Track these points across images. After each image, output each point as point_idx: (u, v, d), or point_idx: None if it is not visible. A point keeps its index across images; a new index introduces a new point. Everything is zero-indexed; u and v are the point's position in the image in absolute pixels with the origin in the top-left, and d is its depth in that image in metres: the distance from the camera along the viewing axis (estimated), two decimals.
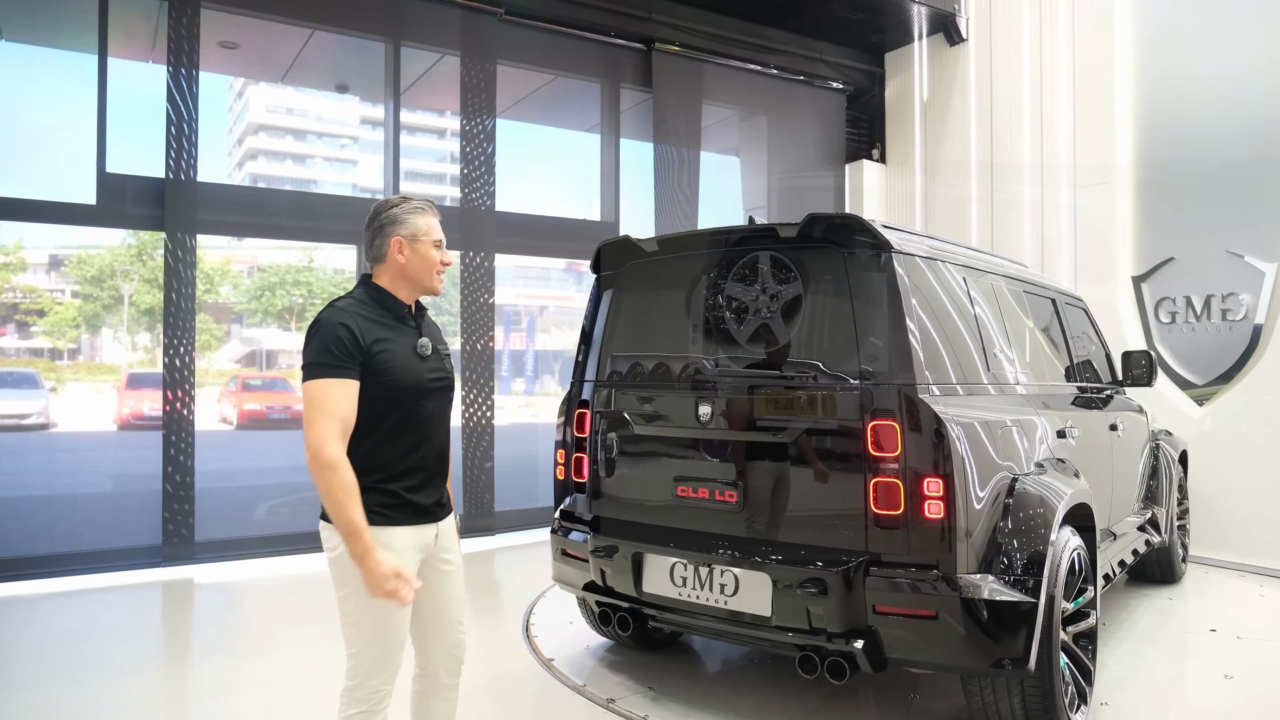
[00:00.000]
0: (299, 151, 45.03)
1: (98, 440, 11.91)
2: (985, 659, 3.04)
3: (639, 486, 3.84)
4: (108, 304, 21.94)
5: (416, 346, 2.46)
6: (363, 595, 2.27)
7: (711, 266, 3.72)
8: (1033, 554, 3.18)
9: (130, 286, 21.03)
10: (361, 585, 2.25)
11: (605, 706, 3.82)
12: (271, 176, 42.56)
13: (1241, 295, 6.70)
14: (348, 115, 44.39)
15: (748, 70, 9.00)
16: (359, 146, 45.61)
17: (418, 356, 2.45)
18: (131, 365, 19.98)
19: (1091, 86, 7.70)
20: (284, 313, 25.55)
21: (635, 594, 3.66)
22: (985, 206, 8.64)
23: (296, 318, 24.70)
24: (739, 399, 3.51)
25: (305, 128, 45.00)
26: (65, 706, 3.79)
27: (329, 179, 45.79)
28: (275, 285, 25.65)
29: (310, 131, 45.40)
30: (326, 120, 44.93)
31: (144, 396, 11.90)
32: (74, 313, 21.50)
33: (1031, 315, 4.49)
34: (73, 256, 21.62)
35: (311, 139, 45.69)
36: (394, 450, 2.40)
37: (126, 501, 7.46)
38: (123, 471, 9.21)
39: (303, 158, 44.94)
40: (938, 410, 3.10)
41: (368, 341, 2.34)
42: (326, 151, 46.00)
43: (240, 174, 43.42)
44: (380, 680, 2.36)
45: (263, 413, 14.75)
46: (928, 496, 3.05)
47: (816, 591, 3.14)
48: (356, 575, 2.26)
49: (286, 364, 23.85)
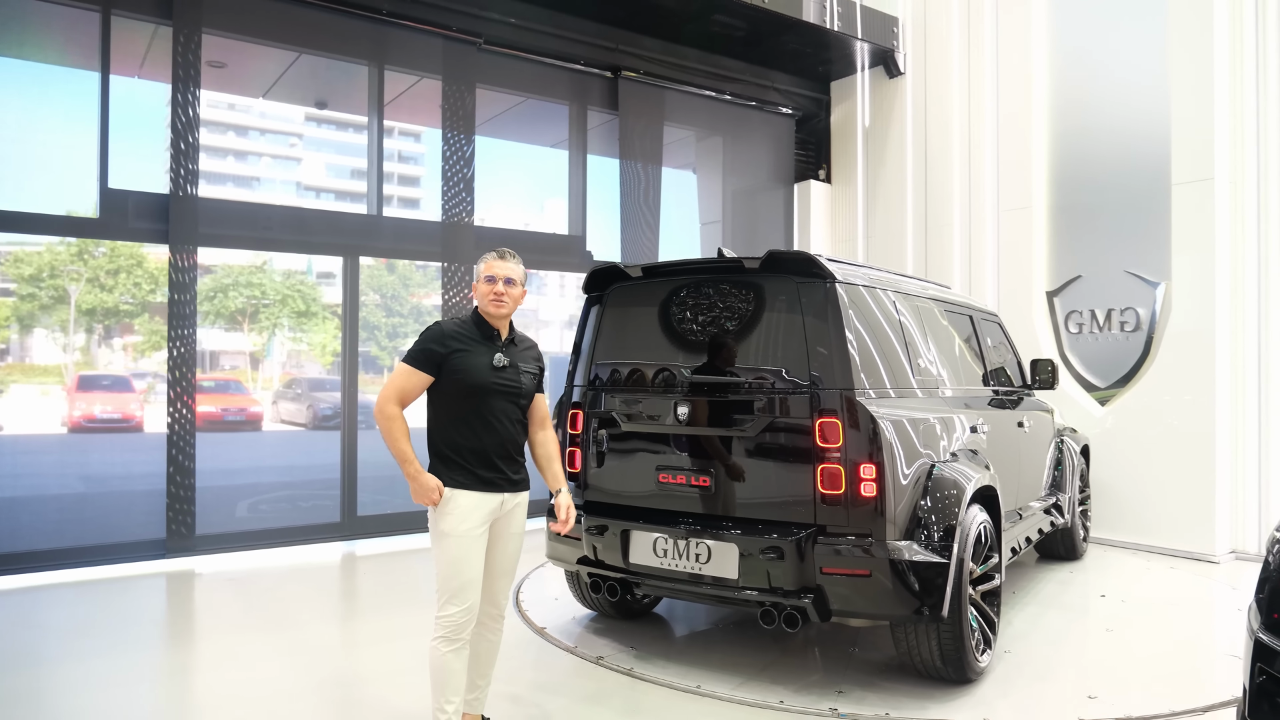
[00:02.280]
0: (241, 148, 44.36)
1: (48, 444, 11.54)
2: (908, 608, 3.81)
3: (626, 475, 4.54)
4: (46, 304, 21.68)
5: (494, 359, 3.23)
6: (444, 543, 3.13)
7: (688, 290, 4.44)
8: (946, 526, 3.97)
9: (77, 287, 20.94)
10: (442, 535, 3.13)
11: (595, 663, 4.52)
12: (210, 174, 41.88)
13: (1137, 309, 7.66)
14: (291, 113, 43.83)
15: (705, 96, 9.76)
16: (304, 144, 45.18)
17: (492, 367, 3.22)
18: (79, 367, 19.88)
19: (1012, 121, 8.62)
20: (236, 314, 25.61)
21: (623, 565, 4.36)
22: (920, 225, 9.53)
23: (249, 319, 24.80)
24: (711, 401, 4.24)
25: (248, 124, 44.35)
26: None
27: (274, 177, 45.21)
28: (228, 287, 25.69)
29: (253, 128, 44.75)
30: (270, 117, 44.32)
31: (95, 399, 11.92)
32: (7, 311, 21.18)
33: (952, 330, 5.31)
34: (8, 255, 21.32)
35: (254, 135, 45.04)
36: (465, 433, 3.21)
37: (103, 502, 7.77)
38: (88, 474, 9.28)
39: (244, 154, 44.27)
40: (872, 410, 3.86)
41: (449, 349, 3.20)
42: (272, 149, 45.41)
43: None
44: (456, 611, 3.14)
45: (217, 415, 14.86)
46: (863, 479, 3.82)
47: (775, 557, 3.88)
48: (439, 530, 3.13)
49: (231, 365, 23.92)
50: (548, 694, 4.12)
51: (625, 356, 4.64)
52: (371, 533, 7.63)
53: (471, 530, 3.17)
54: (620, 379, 4.61)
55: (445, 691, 3.18)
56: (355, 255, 7.78)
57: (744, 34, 9.13)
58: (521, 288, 3.32)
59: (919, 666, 4.12)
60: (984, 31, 8.84)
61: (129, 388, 13.59)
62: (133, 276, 17.36)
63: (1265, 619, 2.17)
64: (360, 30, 7.80)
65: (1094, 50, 8.06)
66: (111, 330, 17.24)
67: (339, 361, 7.90)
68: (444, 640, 3.16)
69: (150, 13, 6.95)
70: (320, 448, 12.32)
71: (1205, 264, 7.09)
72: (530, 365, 3.39)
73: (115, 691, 4.09)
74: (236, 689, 4.12)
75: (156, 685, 4.28)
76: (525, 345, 3.43)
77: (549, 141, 10.10)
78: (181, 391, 6.86)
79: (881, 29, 9.45)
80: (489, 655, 3.44)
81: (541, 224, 11.25)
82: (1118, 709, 3.91)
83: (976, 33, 8.93)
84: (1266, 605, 2.17)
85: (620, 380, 4.61)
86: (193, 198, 6.98)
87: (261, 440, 14.21)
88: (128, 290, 17.23)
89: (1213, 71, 7.07)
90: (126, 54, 7.57)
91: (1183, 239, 7.25)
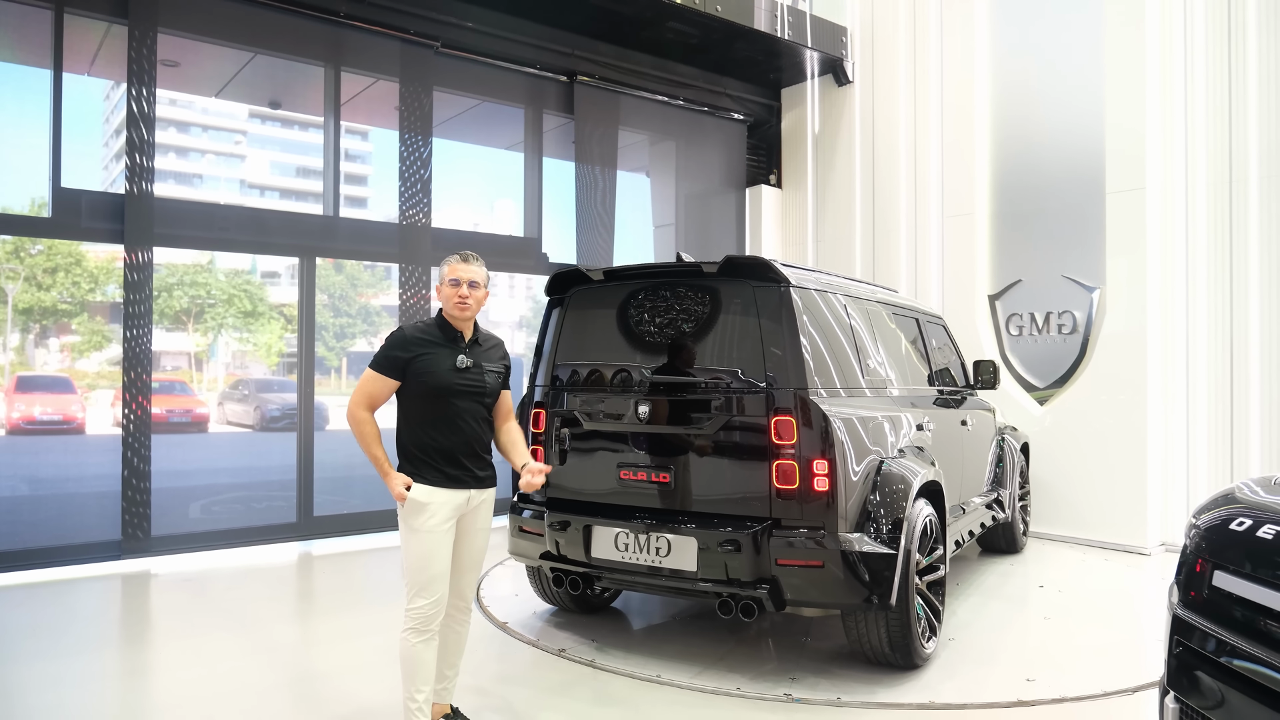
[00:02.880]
0: (184, 144, 43.33)
1: None
2: (859, 597, 4.00)
3: (587, 472, 4.67)
4: None
5: (457, 361, 3.32)
6: (414, 538, 3.23)
7: (647, 292, 4.59)
8: (894, 519, 4.16)
9: (14, 286, 20.37)
10: (411, 530, 3.24)
11: (558, 655, 4.64)
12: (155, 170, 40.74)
13: (1074, 312, 8.00)
14: (236, 109, 42.95)
15: (659, 101, 9.92)
16: (249, 141, 44.32)
17: (455, 369, 3.31)
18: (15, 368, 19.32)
19: (956, 129, 8.94)
20: (180, 314, 25.11)
21: (586, 560, 4.49)
22: (868, 230, 9.81)
23: (194, 319, 24.34)
24: (670, 400, 4.38)
25: (191, 120, 43.36)
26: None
27: (218, 174, 44.27)
28: (172, 286, 25.19)
29: (195, 124, 43.74)
30: (213, 113, 43.38)
31: (35, 400, 11.69)
32: None
33: (900, 332, 5.53)
34: None
35: (196, 131, 44.02)
36: (431, 433, 3.32)
37: (51, 505, 7.65)
38: (33, 476, 9.15)
39: (186, 150, 43.26)
40: (824, 408, 4.05)
41: (412, 354, 3.29)
42: (216, 146, 44.45)
43: (117, 167, 41.51)
44: (425, 604, 3.24)
45: (163, 416, 14.63)
46: (816, 475, 4.00)
47: (732, 550, 4.04)
48: (408, 526, 3.24)
49: (173, 366, 23.45)
50: (513, 685, 4.23)
51: (586, 357, 4.77)
52: (328, 533, 7.64)
53: (439, 525, 3.27)
54: (581, 379, 4.74)
55: (415, 681, 3.28)
56: (312, 256, 7.79)
57: (697, 41, 9.31)
58: (485, 290, 3.43)
59: (869, 653, 4.32)
60: (929, 43, 9.15)
61: (70, 389, 13.30)
62: (71, 275, 16.97)
63: (1183, 597, 2.38)
64: (316, 32, 7.80)
65: (1034, 63, 8.40)
66: (48, 330, 16.84)
67: (285, 362, 7.89)
68: (413, 632, 3.26)
69: (105, 11, 6.90)
70: (271, 449, 12.23)
71: (1137, 269, 7.45)
72: (495, 364, 3.49)
73: (72, 691, 4.10)
74: (199, 687, 4.16)
75: (117, 684, 4.29)
76: (491, 344, 3.53)
77: (505, 144, 10.18)
78: (136, 393, 6.81)
79: (831, 38, 9.72)
80: (456, 646, 3.55)
81: (497, 226, 11.31)
82: (1054, 690, 4.14)
83: (922, 44, 9.23)
84: (1184, 585, 2.38)
85: (581, 380, 4.74)
86: (148, 197, 6.94)
87: (209, 442, 14.01)
88: (66, 289, 16.84)
89: (1144, 86, 7.44)
90: (78, 52, 7.48)
91: (1116, 245, 7.61)
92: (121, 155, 6.94)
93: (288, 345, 17.51)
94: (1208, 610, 2.23)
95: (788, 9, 9.24)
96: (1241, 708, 2.02)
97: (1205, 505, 2.52)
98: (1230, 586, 2.16)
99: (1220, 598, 2.19)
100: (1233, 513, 2.32)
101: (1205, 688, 2.17)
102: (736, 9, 8.68)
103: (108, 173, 40.35)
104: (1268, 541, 2.10)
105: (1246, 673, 2.03)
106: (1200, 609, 2.26)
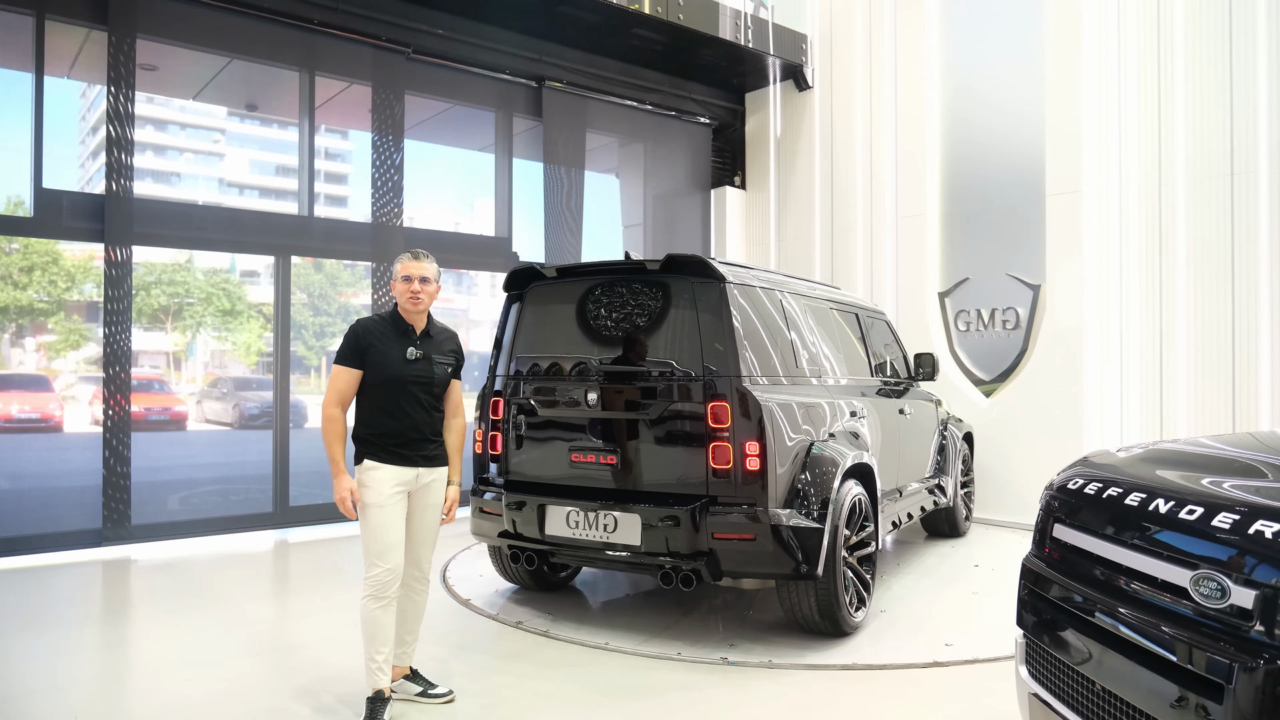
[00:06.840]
0: (161, 143, 43.16)
1: None
2: (788, 568, 4.36)
3: (542, 456, 5.01)
4: None
5: (407, 353, 3.63)
6: (366, 512, 3.54)
7: (598, 289, 4.93)
8: (823, 497, 4.53)
9: None
10: (364, 506, 3.56)
11: (515, 627, 4.97)
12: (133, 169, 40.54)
13: (1018, 309, 8.41)
14: (214, 109, 42.84)
15: (626, 105, 10.26)
16: (227, 140, 44.23)
17: (404, 359, 3.63)
18: None
19: (908, 134, 9.33)
20: (159, 312, 25.18)
21: (540, 537, 4.82)
22: (827, 229, 10.19)
23: (172, 318, 24.44)
24: (617, 388, 4.73)
25: (168, 118, 43.20)
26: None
27: (196, 173, 44.14)
28: (150, 285, 25.26)
29: (173, 122, 43.59)
30: (191, 112, 43.25)
31: (12, 398, 11.84)
32: None
33: (841, 325, 5.90)
34: None
35: (174, 130, 43.87)
36: (382, 418, 3.63)
37: (33, 498, 7.86)
38: (14, 472, 9.29)
39: (164, 149, 43.09)
40: (757, 395, 4.40)
41: (365, 343, 3.59)
42: (194, 144, 44.30)
43: (94, 165, 41.28)
44: (380, 571, 3.55)
45: (141, 414, 14.77)
46: (749, 455, 4.35)
47: (673, 525, 4.39)
48: (363, 503, 3.55)
49: (151, 365, 23.53)
50: (471, 652, 4.56)
51: (542, 349, 5.10)
52: (304, 521, 7.93)
53: (389, 499, 3.58)
54: (538, 370, 5.07)
55: (375, 643, 3.60)
56: (287, 255, 8.07)
57: (663, 47, 9.66)
58: (436, 284, 3.73)
59: (800, 622, 4.68)
60: (884, 51, 9.54)
61: (47, 387, 13.46)
62: (48, 274, 17.09)
63: (1035, 550, 2.74)
64: (292, 38, 8.07)
65: (981, 71, 8.80)
66: (24, 329, 16.96)
67: (264, 361, 8.16)
68: (372, 598, 3.57)
69: (85, 17, 7.15)
70: (249, 446, 12.46)
71: (1075, 268, 7.86)
72: (446, 356, 3.79)
73: (57, 661, 4.39)
74: (178, 656, 4.46)
75: (99, 655, 4.58)
76: (443, 337, 3.83)
77: (476, 145, 10.48)
78: (116, 390, 7.07)
79: (791, 45, 10.09)
80: (415, 614, 3.86)
81: (469, 225, 11.59)
82: (967, 653, 4.52)
83: (877, 52, 9.62)
84: (1037, 540, 2.75)
85: (538, 371, 5.07)
86: (129, 197, 7.19)
87: (188, 439, 14.22)
88: (43, 288, 16.97)
89: (1080, 95, 7.85)
90: (58, 56, 7.73)
91: (1056, 245, 8.02)
92: (99, 153, 7.16)
93: (267, 344, 17.68)
94: (1049, 559, 2.60)
95: (750, 17, 9.61)
96: (1071, 640, 2.38)
97: (1062, 469, 2.89)
98: (1064, 536, 2.52)
99: (1058, 546, 2.55)
100: (1074, 474, 2.69)
101: (1044, 623, 2.52)
102: (700, 17, 9.04)
103: (84, 170, 39.82)
104: (1090, 496, 2.46)
105: (1072, 606, 2.39)
106: (1044, 559, 2.63)
